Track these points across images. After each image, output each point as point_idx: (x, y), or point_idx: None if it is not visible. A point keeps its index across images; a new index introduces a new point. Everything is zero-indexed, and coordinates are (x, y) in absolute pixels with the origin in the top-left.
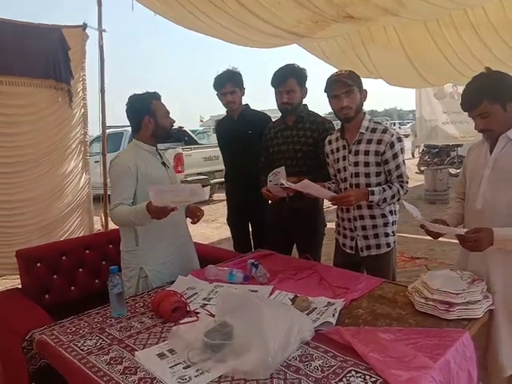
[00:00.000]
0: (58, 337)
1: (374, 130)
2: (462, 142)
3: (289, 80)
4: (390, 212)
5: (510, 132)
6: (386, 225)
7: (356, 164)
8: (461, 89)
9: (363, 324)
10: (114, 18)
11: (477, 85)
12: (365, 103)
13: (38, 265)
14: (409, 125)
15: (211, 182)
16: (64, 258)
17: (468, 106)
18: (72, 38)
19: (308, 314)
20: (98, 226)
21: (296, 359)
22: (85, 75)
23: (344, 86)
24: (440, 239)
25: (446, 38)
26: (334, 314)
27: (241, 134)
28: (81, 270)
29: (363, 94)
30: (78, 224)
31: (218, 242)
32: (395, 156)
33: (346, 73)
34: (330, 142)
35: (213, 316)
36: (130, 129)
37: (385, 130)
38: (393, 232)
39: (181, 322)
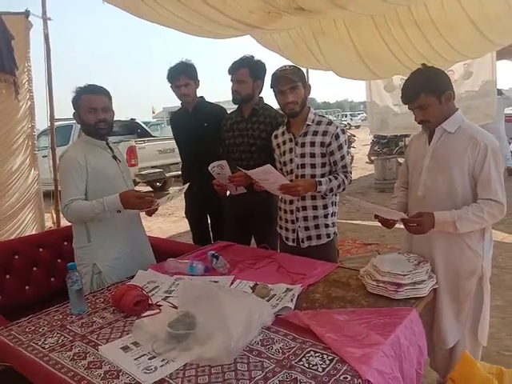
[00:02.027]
0: (17, 336)
1: (319, 123)
2: (412, 133)
3: (240, 70)
4: (332, 203)
5: (445, 123)
6: (326, 216)
7: (302, 155)
8: None
9: (320, 307)
10: (60, 4)
11: (415, 80)
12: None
13: None
14: (359, 116)
15: (166, 175)
16: (16, 257)
17: (408, 98)
18: (14, 26)
19: (268, 301)
20: (49, 224)
21: (258, 343)
22: (30, 66)
23: (289, 82)
24: None
25: (392, 33)
26: (292, 299)
27: (196, 127)
28: (35, 269)
29: (307, 88)
30: (29, 221)
31: (177, 235)
32: (340, 147)
33: (290, 68)
34: (276, 137)
35: (175, 308)
36: None
37: (329, 123)
38: (333, 223)
39: (143, 314)
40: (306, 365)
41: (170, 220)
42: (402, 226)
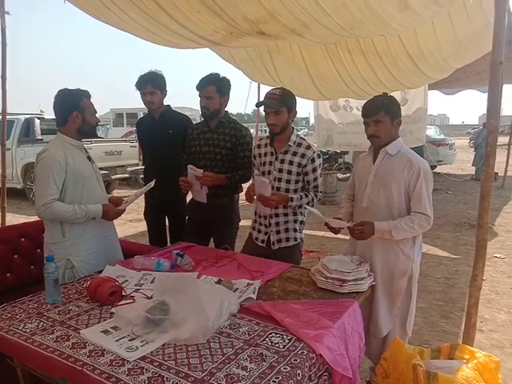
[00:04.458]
0: None
1: (299, 145)
2: (355, 150)
3: (208, 87)
4: (301, 213)
5: (388, 147)
6: (295, 222)
7: (280, 170)
8: (352, 102)
9: (277, 299)
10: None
11: (379, 100)
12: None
13: None
14: (302, 131)
15: (112, 177)
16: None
17: (369, 112)
18: None
19: None
20: None
21: (226, 327)
22: None
23: (273, 106)
24: (329, 235)
25: (341, 58)
26: (254, 292)
27: (161, 133)
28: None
29: (292, 113)
30: None
31: (124, 238)
32: (314, 170)
33: (278, 93)
34: (259, 146)
35: (148, 298)
36: (21, 117)
37: (308, 147)
38: (300, 229)
39: (119, 304)
40: (270, 343)
41: (115, 223)
42: (341, 237)
